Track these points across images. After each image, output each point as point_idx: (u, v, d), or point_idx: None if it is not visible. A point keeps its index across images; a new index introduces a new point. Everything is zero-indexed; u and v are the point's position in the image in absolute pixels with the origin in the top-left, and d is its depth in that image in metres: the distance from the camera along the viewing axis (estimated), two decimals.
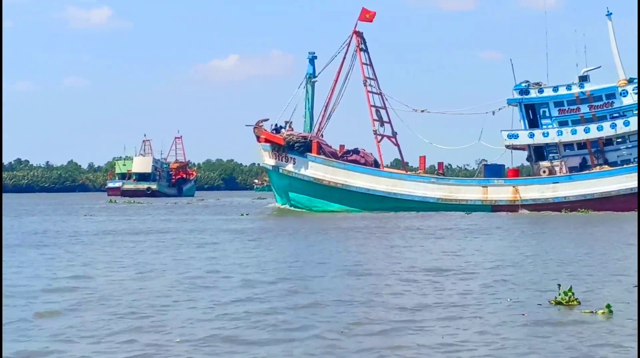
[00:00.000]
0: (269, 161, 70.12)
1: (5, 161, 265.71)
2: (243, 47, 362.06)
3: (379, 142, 69.50)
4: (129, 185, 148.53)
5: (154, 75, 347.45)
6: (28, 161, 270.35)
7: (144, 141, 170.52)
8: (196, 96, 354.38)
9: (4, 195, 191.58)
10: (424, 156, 70.33)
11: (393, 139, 71.14)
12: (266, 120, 70.05)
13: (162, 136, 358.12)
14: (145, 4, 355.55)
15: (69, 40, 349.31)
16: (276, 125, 70.11)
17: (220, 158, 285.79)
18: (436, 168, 74.95)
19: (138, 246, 31.94)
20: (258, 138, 69.79)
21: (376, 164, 69.90)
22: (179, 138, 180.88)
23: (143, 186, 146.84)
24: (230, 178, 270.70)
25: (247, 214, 63.22)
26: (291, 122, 70.94)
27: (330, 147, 70.66)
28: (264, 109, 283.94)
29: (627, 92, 64.70)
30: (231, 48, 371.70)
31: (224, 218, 58.43)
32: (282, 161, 69.13)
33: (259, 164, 59.97)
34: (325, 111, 70.69)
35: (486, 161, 68.55)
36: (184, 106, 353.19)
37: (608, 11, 66.83)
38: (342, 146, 71.69)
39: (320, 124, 70.99)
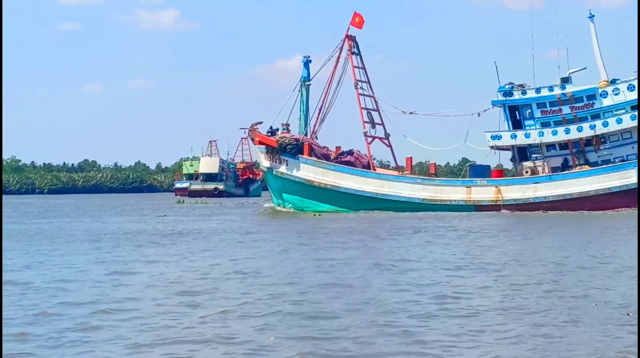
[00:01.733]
0: (265, 162, 72.54)
1: (74, 162, 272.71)
2: (308, 47, 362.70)
3: (369, 144, 71.37)
4: (197, 186, 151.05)
5: (220, 76, 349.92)
6: (96, 162, 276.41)
7: (210, 141, 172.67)
8: (262, 96, 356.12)
9: (75, 196, 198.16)
10: (411, 157, 72.10)
11: (385, 141, 72.90)
12: (260, 123, 72.39)
13: (228, 136, 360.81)
14: (211, 6, 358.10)
15: (136, 43, 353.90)
16: (271, 127, 72.37)
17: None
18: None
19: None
20: (253, 140, 72.19)
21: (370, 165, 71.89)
22: (245, 138, 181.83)
23: (210, 186, 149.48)
24: None
25: (319, 215, 64.59)
26: (288, 124, 73.22)
27: (323, 149, 72.63)
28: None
29: (607, 93, 65.58)
30: (296, 48, 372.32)
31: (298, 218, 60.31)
32: (275, 162, 71.43)
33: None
34: (319, 113, 72.81)
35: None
36: (250, 106, 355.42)
37: (590, 13, 67.78)
38: (337, 148, 73.72)
39: (314, 126, 73.09)
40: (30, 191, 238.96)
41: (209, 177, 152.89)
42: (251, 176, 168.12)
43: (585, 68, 68.66)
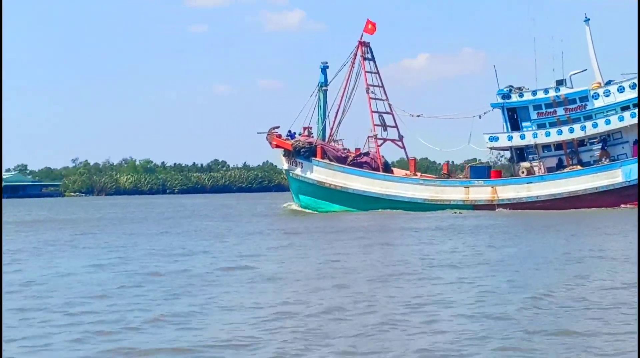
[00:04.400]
0: (284, 165, 76.72)
1: (204, 163, 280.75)
2: (433, 45, 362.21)
3: (379, 146, 74.59)
4: None
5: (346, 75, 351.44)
6: (225, 162, 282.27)
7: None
8: (393, 94, 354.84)
9: (208, 195, 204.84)
10: (414, 159, 74.84)
11: (399, 143, 75.95)
12: (278, 127, 76.25)
13: (356, 136, 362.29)
14: (336, 5, 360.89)
15: (263, 43, 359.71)
16: (290, 131, 76.31)
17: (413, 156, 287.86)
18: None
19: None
20: (271, 144, 76.20)
21: (386, 166, 75.02)
22: (371, 136, 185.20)
23: None
24: None
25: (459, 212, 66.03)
26: (310, 127, 77.09)
27: (339, 151, 75.94)
28: (453, 107, 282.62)
29: (598, 95, 67.05)
30: (421, 47, 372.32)
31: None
32: (292, 165, 75.44)
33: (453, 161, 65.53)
34: (335, 117, 76.42)
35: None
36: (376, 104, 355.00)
37: (586, 17, 69.32)
38: (357, 149, 77.00)
39: (332, 129, 76.75)
40: (161, 191, 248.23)
41: None
42: None
43: (585, 70, 69.98)
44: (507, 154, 72.89)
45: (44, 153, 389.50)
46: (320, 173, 73.87)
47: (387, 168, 75.06)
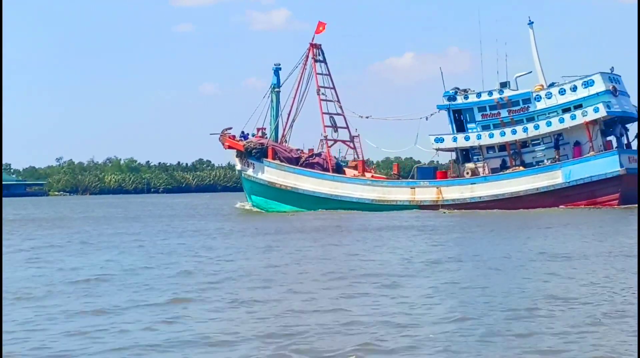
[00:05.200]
0: (238, 166, 77.68)
1: (189, 162, 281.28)
2: (419, 44, 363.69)
3: (329, 147, 75.68)
4: None
5: (334, 74, 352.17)
6: (210, 161, 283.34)
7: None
8: (374, 93, 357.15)
9: (192, 195, 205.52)
10: (362, 161, 76.01)
11: (350, 144, 77.06)
12: (230, 128, 77.17)
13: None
14: (322, 5, 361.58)
15: (249, 42, 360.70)
16: (243, 132, 77.24)
17: (398, 156, 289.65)
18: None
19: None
20: (223, 144, 77.14)
21: (338, 166, 76.00)
22: (356, 136, 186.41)
23: None
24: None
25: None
26: (265, 128, 78.00)
27: (296, 151, 77.01)
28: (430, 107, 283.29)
29: (540, 97, 68.18)
30: (406, 46, 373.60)
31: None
32: (245, 166, 76.44)
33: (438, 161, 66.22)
34: (287, 118, 77.46)
35: None
36: (361, 104, 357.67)
37: (530, 20, 70.42)
38: (310, 150, 78.12)
39: (284, 130, 77.79)
40: (146, 191, 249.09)
41: None
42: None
43: (530, 72, 71.05)
44: (453, 155, 73.70)
45: (27, 152, 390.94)
46: (271, 173, 74.82)
47: (338, 168, 75.99)
